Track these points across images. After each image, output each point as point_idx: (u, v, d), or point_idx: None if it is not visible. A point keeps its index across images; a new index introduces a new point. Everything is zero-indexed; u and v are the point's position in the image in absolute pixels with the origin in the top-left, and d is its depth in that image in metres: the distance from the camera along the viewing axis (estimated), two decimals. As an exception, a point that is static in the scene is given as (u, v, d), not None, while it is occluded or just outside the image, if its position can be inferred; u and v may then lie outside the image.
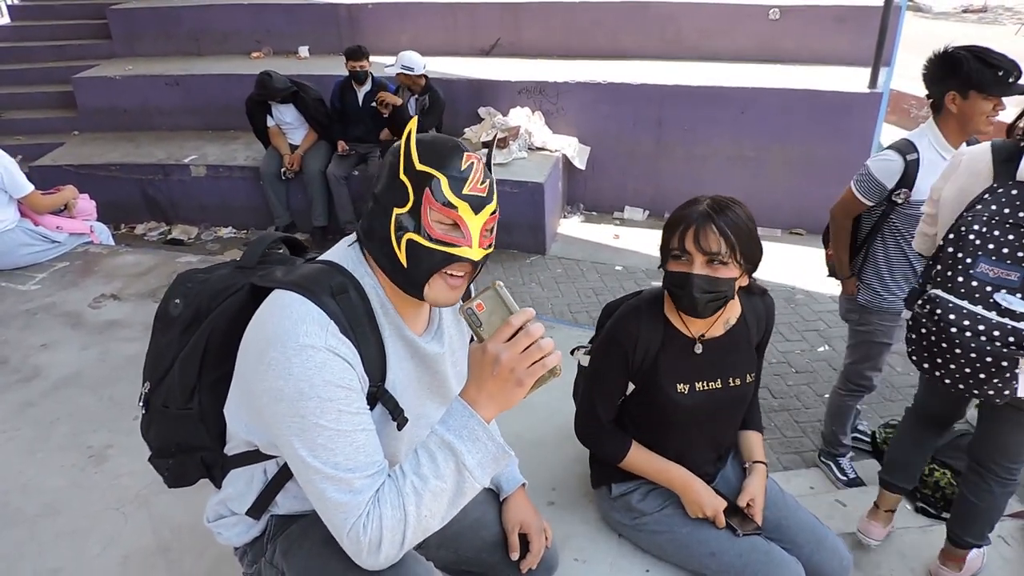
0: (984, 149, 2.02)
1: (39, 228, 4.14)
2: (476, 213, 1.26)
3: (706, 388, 1.84)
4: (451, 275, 1.27)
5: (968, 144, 2.51)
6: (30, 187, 4.02)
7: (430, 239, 1.23)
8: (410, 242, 1.23)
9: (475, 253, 1.26)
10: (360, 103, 5.92)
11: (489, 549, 1.69)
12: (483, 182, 1.27)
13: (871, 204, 2.68)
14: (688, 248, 1.65)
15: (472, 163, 1.26)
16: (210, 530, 1.51)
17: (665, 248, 1.73)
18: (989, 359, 1.82)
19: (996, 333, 1.79)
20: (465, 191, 1.24)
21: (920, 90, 2.68)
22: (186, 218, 6.79)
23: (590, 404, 1.92)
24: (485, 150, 1.36)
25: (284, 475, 1.39)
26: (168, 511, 2.25)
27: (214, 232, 6.70)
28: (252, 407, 1.26)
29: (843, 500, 3.06)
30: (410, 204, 1.23)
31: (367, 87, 5.90)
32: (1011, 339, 1.78)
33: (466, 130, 6.61)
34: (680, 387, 1.82)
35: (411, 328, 1.36)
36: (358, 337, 1.23)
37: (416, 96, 5.76)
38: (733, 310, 1.86)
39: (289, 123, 6.10)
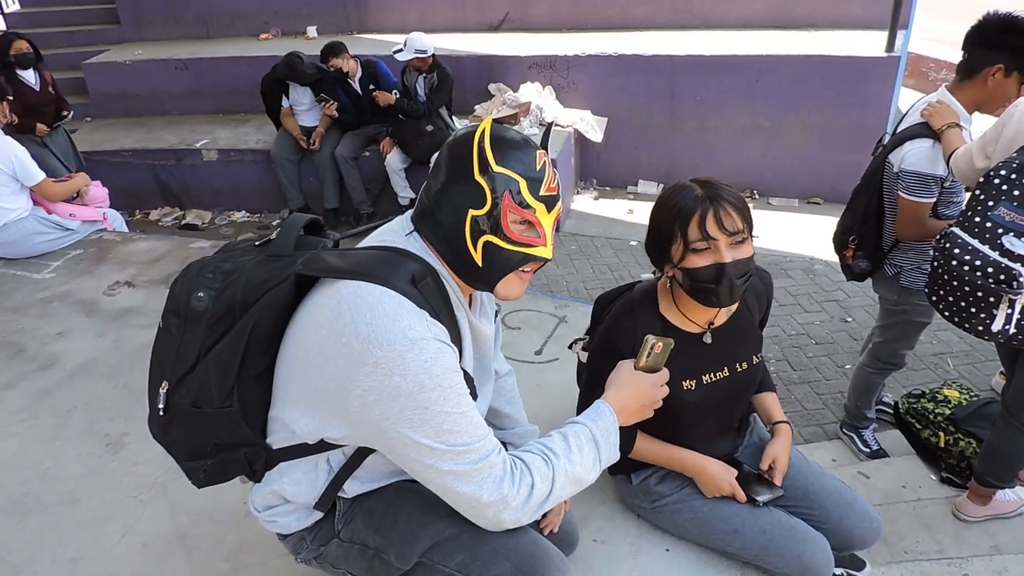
0: None
1: (52, 216, 4.15)
2: (549, 212, 1.28)
3: (713, 380, 1.79)
4: (523, 271, 1.31)
5: None
6: (42, 175, 4.02)
7: (509, 241, 1.25)
8: (488, 243, 1.25)
9: (549, 251, 1.30)
10: (360, 91, 5.86)
11: None
12: (555, 181, 1.28)
13: (935, 198, 2.46)
14: (713, 233, 1.54)
15: (545, 162, 1.27)
16: (259, 519, 1.48)
17: (680, 243, 1.59)
18: (980, 293, 1.98)
19: (990, 270, 1.95)
20: (542, 192, 1.26)
21: (938, 52, 2.57)
22: (199, 203, 6.79)
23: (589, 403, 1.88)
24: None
25: (353, 464, 1.38)
26: (185, 498, 2.25)
27: (227, 216, 6.70)
28: (343, 407, 1.21)
29: (866, 472, 3.02)
30: (488, 206, 1.23)
31: (359, 73, 5.84)
32: (1002, 277, 1.94)
33: (476, 107, 6.54)
34: (686, 384, 1.77)
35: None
36: (443, 322, 1.24)
37: (424, 75, 5.69)
38: None
39: (304, 104, 6.05)
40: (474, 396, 1.31)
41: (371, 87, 5.76)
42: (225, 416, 1.32)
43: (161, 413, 1.36)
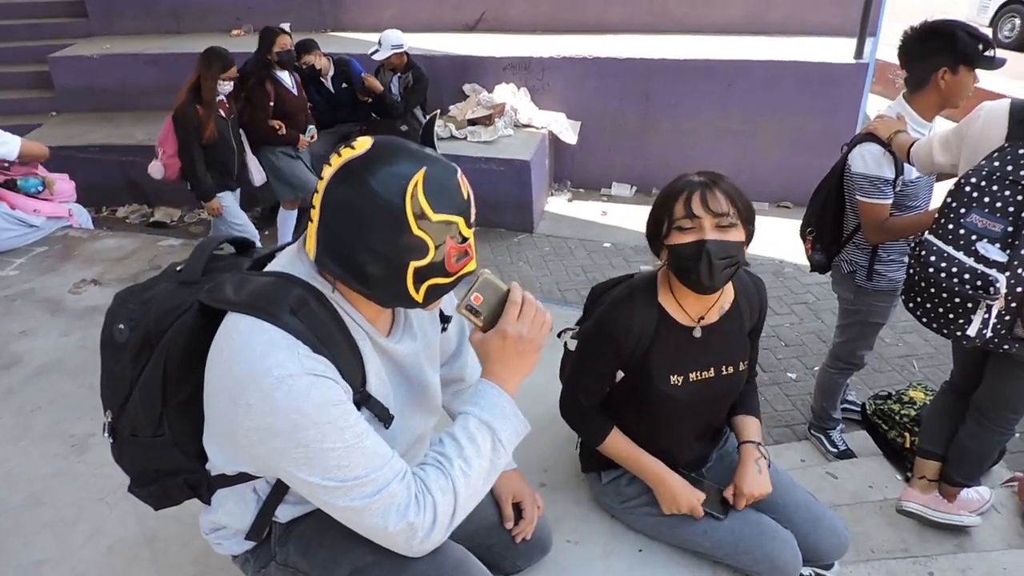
0: (1003, 108, 2.05)
1: (16, 212, 4.04)
2: (473, 229, 1.25)
3: (700, 378, 1.79)
4: None
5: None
6: (17, 138, 3.95)
7: (451, 276, 1.22)
8: (432, 286, 1.21)
9: (475, 263, 1.26)
10: (333, 89, 5.80)
11: (484, 532, 1.68)
12: (470, 191, 1.23)
13: (891, 200, 2.53)
14: (697, 211, 1.58)
15: (466, 186, 1.21)
16: (207, 541, 1.48)
17: (667, 221, 1.64)
18: (957, 299, 2.01)
19: (967, 276, 1.98)
20: (472, 219, 1.22)
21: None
22: (168, 200, 6.66)
23: (573, 390, 1.88)
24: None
25: (279, 492, 1.36)
26: (154, 499, 2.21)
27: (197, 214, 6.59)
28: (235, 445, 1.19)
29: (834, 472, 3.07)
30: (431, 255, 1.17)
31: (331, 72, 5.78)
32: (978, 283, 1.96)
33: (451, 107, 6.53)
34: (673, 379, 1.77)
35: (379, 332, 1.32)
36: (331, 350, 1.18)
37: (399, 75, 5.66)
38: (727, 295, 1.81)
39: (275, 101, 5.98)
40: (388, 419, 1.28)
41: (343, 85, 5.71)
42: (159, 444, 1.32)
43: (111, 441, 1.40)
